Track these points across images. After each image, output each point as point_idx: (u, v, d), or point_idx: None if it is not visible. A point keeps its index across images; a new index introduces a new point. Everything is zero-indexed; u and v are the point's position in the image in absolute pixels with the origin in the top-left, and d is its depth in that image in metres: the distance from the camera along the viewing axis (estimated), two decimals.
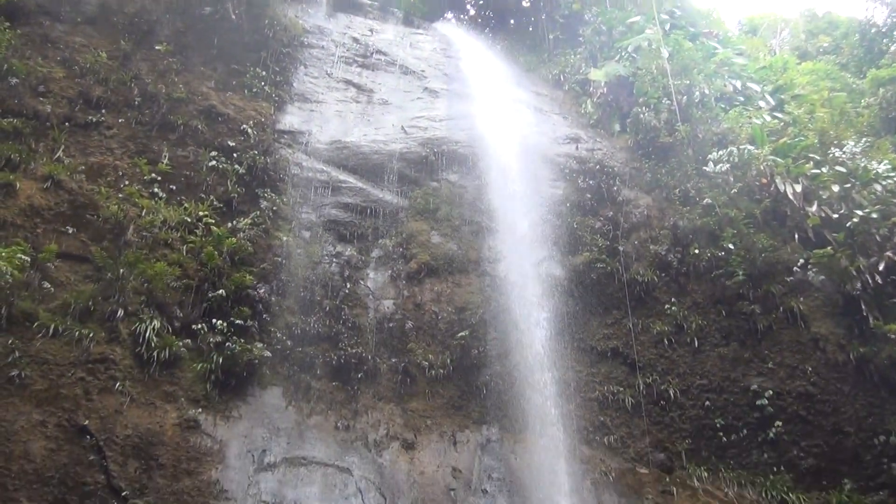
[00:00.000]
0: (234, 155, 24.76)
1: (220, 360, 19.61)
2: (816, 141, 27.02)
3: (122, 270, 19.89)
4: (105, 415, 17.97)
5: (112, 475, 17.14)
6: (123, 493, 17.00)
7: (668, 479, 20.36)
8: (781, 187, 24.68)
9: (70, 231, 20.48)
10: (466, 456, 20.20)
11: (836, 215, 23.49)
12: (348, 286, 23.10)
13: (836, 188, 24.05)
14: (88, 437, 17.46)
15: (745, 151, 25.98)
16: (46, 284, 19.34)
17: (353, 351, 21.30)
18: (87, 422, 17.64)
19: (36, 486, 16.35)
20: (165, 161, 23.55)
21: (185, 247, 21.80)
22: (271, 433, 19.26)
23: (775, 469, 20.77)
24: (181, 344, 19.78)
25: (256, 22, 31.30)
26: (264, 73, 29.34)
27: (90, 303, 19.42)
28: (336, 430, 19.82)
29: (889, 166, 24.29)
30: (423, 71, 34.47)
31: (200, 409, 19.00)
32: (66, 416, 17.66)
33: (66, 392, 17.98)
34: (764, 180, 25.30)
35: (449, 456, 20.08)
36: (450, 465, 19.89)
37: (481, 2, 47.65)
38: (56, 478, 16.68)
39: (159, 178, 23.12)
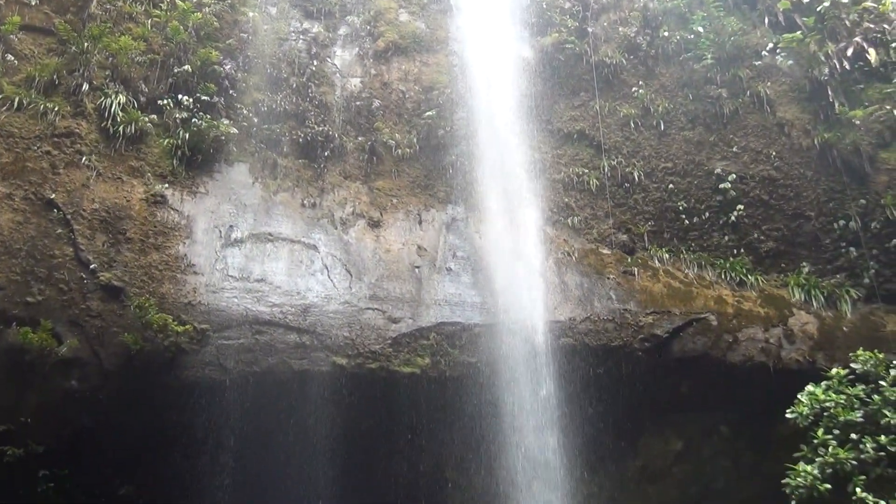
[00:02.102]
0: None
1: (187, 136, 19.70)
2: None
3: (86, 44, 19.68)
4: (72, 189, 18.17)
5: (80, 248, 17.48)
6: (91, 266, 17.38)
7: (630, 260, 20.70)
8: None
9: (33, 3, 20.15)
10: (431, 234, 20.49)
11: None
12: (315, 64, 22.81)
13: None
14: (56, 210, 17.73)
15: None
16: (10, 57, 19.22)
17: (320, 129, 21.26)
18: (53, 195, 17.88)
19: (3, 258, 16.74)
20: None
21: (149, 21, 21.49)
22: (238, 209, 19.50)
23: (735, 251, 21.12)
24: (147, 119, 19.78)
25: None
26: None
27: (55, 76, 19.34)
28: (302, 208, 20.04)
29: None
30: None
31: (167, 185, 19.19)
32: (33, 189, 17.85)
33: (33, 166, 18.11)
34: None
35: (414, 234, 20.37)
36: (415, 243, 20.20)
37: None
38: (24, 250, 17.02)
39: None
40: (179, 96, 20.35)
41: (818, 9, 22.42)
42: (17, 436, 16.62)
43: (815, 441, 15.26)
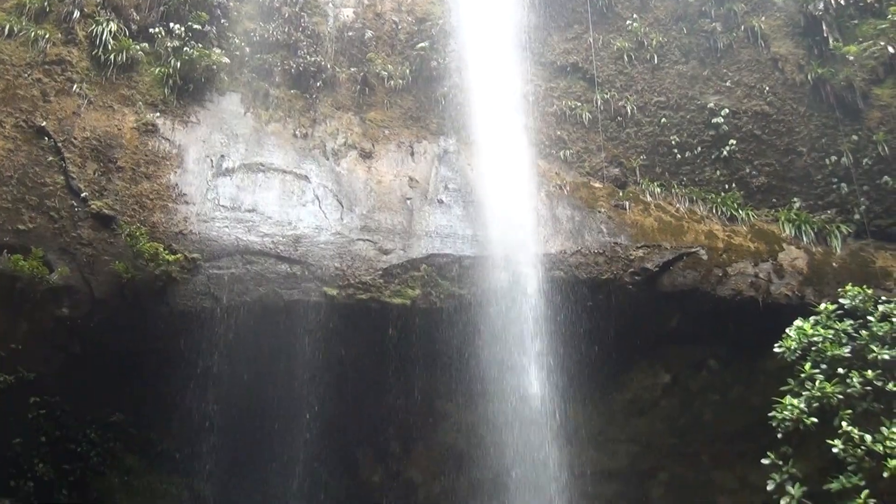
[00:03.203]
0: None
1: (178, 65, 19.56)
2: None
3: None
4: (63, 117, 18.14)
5: (71, 176, 17.46)
6: (83, 195, 17.40)
7: (621, 194, 20.69)
8: None
9: None
10: (423, 166, 20.45)
11: None
12: None
13: None
14: (46, 138, 17.71)
15: None
16: None
17: (312, 59, 21.07)
18: (44, 123, 17.85)
19: None
20: None
21: None
22: (229, 139, 19.45)
23: (727, 186, 21.10)
24: (138, 48, 19.67)
25: None
26: None
27: (45, 3, 19.28)
28: (294, 138, 19.97)
29: None
30: None
31: (158, 114, 19.13)
32: (24, 117, 17.83)
33: (23, 93, 18.07)
34: None
35: (406, 166, 20.33)
36: (407, 174, 20.16)
37: None
38: (15, 178, 17.04)
39: None
40: (171, 25, 20.14)
41: None
42: (7, 363, 16.75)
43: (803, 375, 15.34)
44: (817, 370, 15.28)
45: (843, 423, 14.38)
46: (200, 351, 17.52)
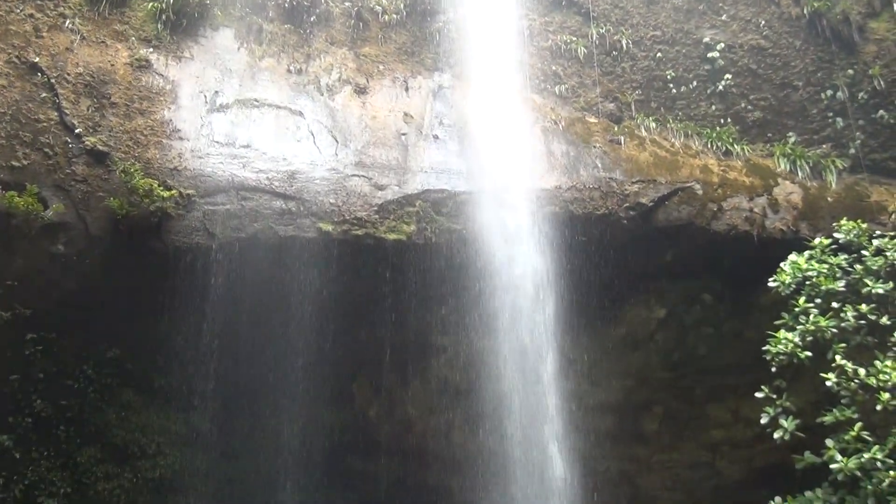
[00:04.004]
0: None
1: (171, 0, 19.30)
2: None
3: None
4: (56, 52, 18.01)
5: (65, 113, 17.40)
6: (76, 131, 17.32)
7: (616, 129, 20.60)
8: None
9: None
10: (418, 101, 20.33)
11: None
12: None
13: None
14: (40, 74, 17.58)
15: None
16: None
17: None
18: (37, 59, 17.72)
19: None
20: None
21: None
22: (223, 74, 19.32)
23: (722, 121, 21.10)
24: None
25: None
26: None
27: None
28: (288, 74, 19.84)
29: None
30: None
31: (152, 49, 18.99)
32: (17, 52, 17.70)
33: (16, 28, 17.96)
34: None
35: (401, 101, 20.22)
36: (401, 110, 20.05)
37: None
38: (8, 114, 16.97)
39: None
40: None
41: None
42: (3, 299, 16.81)
43: (797, 309, 15.49)
44: (811, 304, 15.42)
45: (837, 357, 14.58)
46: (196, 287, 17.55)
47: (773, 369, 15.24)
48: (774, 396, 15.22)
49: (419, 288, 18.82)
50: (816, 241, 16.54)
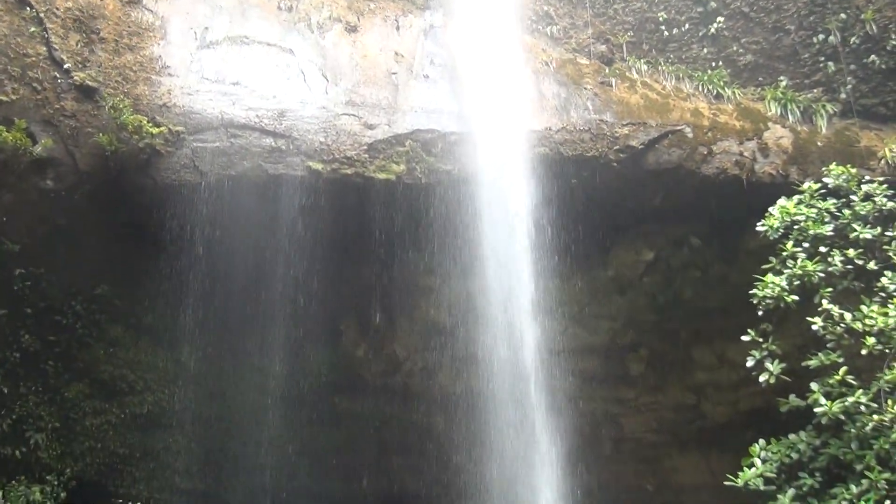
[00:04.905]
0: None
1: None
2: None
3: None
4: None
5: (53, 48, 17.24)
6: (65, 66, 17.18)
7: (607, 71, 20.43)
8: None
9: None
10: (409, 41, 20.20)
11: None
12: None
13: None
14: (28, 8, 17.42)
15: None
16: None
17: None
18: None
19: None
20: None
21: None
22: (213, 11, 19.14)
23: (714, 64, 20.98)
24: None
25: None
26: None
27: None
28: (279, 11, 19.69)
29: None
30: None
31: None
32: None
33: None
34: None
35: (392, 40, 20.09)
36: (392, 49, 19.93)
37: None
38: None
39: None
40: None
41: None
42: None
43: (784, 253, 15.56)
44: (799, 248, 15.49)
45: (824, 301, 14.69)
46: (185, 225, 17.58)
47: (760, 313, 15.35)
48: (760, 340, 15.31)
49: (408, 228, 18.84)
50: (805, 185, 16.61)
